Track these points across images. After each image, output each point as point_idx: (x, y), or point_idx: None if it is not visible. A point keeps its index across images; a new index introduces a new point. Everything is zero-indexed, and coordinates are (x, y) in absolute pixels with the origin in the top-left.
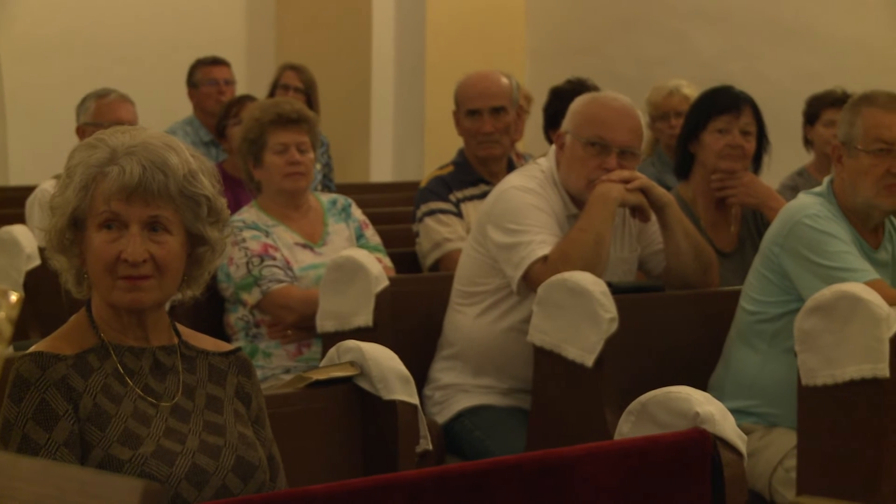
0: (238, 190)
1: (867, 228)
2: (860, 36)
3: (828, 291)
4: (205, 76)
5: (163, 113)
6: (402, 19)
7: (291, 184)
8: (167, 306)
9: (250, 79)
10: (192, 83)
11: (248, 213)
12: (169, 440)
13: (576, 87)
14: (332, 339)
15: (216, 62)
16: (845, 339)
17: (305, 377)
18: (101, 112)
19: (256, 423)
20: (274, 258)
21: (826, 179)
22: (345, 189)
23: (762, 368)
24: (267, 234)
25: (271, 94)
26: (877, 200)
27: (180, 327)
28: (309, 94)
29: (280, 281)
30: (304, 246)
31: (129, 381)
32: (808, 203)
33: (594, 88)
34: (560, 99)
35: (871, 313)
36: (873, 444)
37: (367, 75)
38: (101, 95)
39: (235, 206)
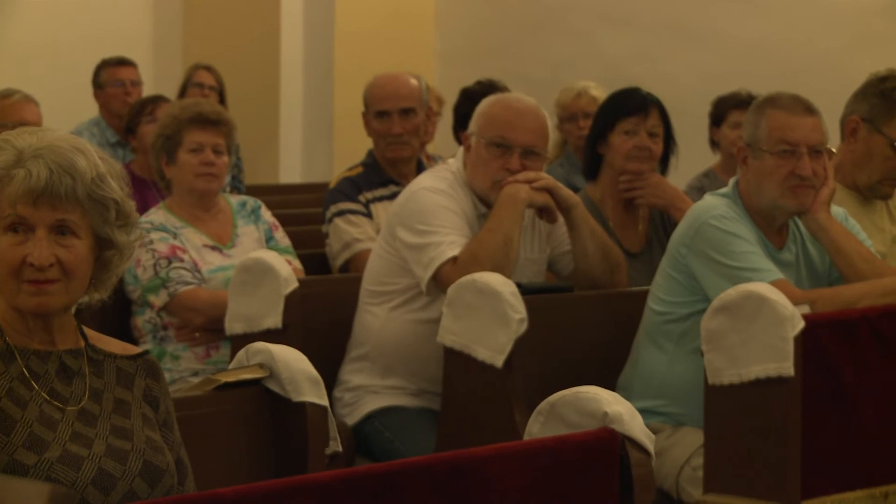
0: (146, 191)
1: (772, 229)
2: (763, 38)
3: (733, 291)
4: (111, 77)
5: (68, 114)
6: (311, 19)
7: (203, 184)
8: (73, 309)
9: (157, 79)
10: (98, 84)
11: (156, 215)
12: (75, 445)
13: (486, 89)
14: (240, 341)
15: (122, 63)
16: (751, 339)
17: (214, 380)
18: (4, 113)
19: (164, 426)
20: (182, 260)
21: (732, 181)
22: (254, 190)
23: (669, 368)
24: (175, 236)
25: (182, 93)
26: (781, 201)
27: (87, 330)
28: (222, 94)
29: (188, 283)
30: (213, 248)
31: (34, 384)
32: (714, 204)
33: (504, 90)
34: (470, 100)
35: (776, 313)
36: (779, 443)
37: (276, 76)
38: (4, 96)
39: (143, 208)
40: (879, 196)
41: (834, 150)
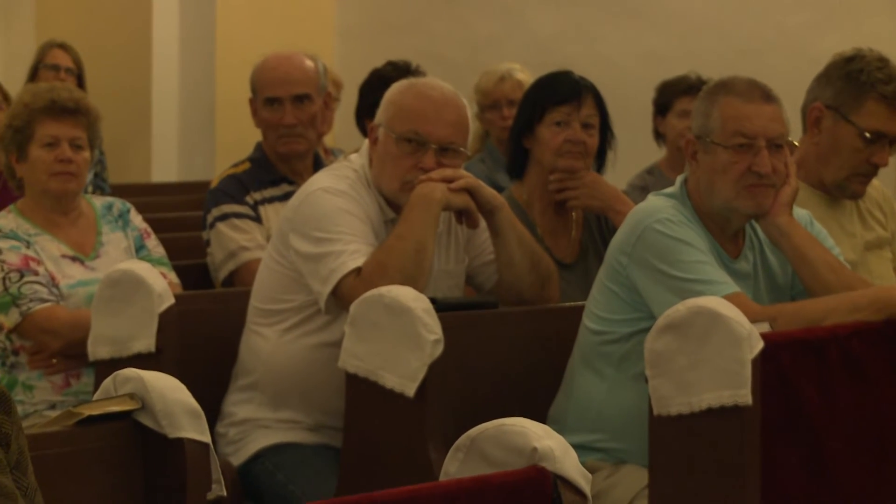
0: None
1: (726, 235)
2: (715, 14)
3: (682, 307)
4: None
5: None
6: None
7: (59, 185)
8: None
9: (5, 60)
10: None
11: (6, 220)
12: None
13: (399, 72)
14: (106, 367)
15: None
16: (702, 362)
17: (76, 413)
18: None
19: (16, 469)
20: (36, 273)
21: (679, 179)
22: (121, 191)
23: (609, 397)
24: (28, 245)
25: (33, 76)
26: (736, 203)
27: None
28: (81, 78)
29: (43, 300)
30: (73, 259)
31: None
32: (659, 206)
33: (421, 74)
34: (380, 84)
35: (731, 331)
36: (736, 481)
37: (147, 56)
38: None
39: None
40: (848, 195)
41: (796, 143)
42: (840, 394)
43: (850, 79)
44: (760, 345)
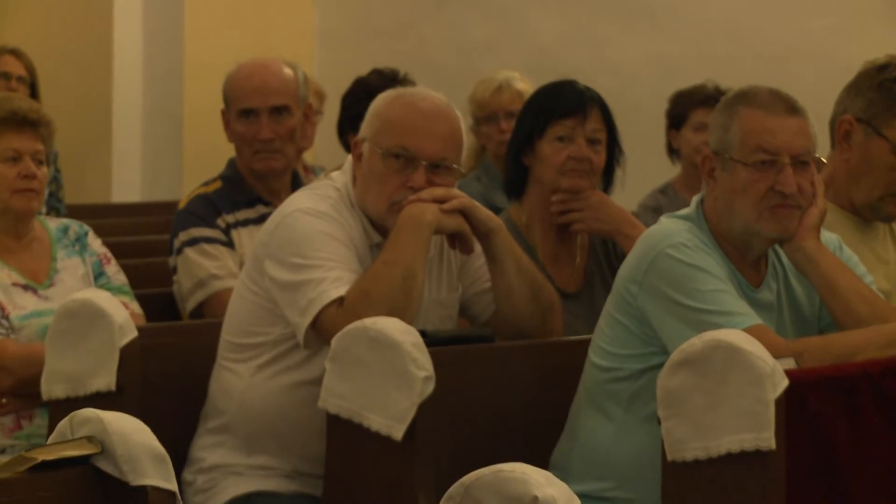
0: None
1: (746, 261)
2: (732, 18)
3: (698, 341)
4: None
5: None
6: None
7: (22, 203)
8: None
9: None
10: None
11: None
12: None
13: (385, 81)
14: (62, 407)
15: None
16: (721, 402)
17: (28, 458)
18: None
19: None
20: None
21: (695, 199)
22: (79, 212)
23: (617, 440)
24: None
25: None
26: (758, 225)
27: None
28: (34, 87)
29: None
30: (25, 287)
31: None
32: (673, 229)
33: (410, 83)
34: (364, 94)
35: (753, 368)
36: None
37: (107, 61)
38: None
39: None
40: (882, 217)
41: (824, 159)
42: (872, 437)
43: (883, 89)
44: (785, 383)
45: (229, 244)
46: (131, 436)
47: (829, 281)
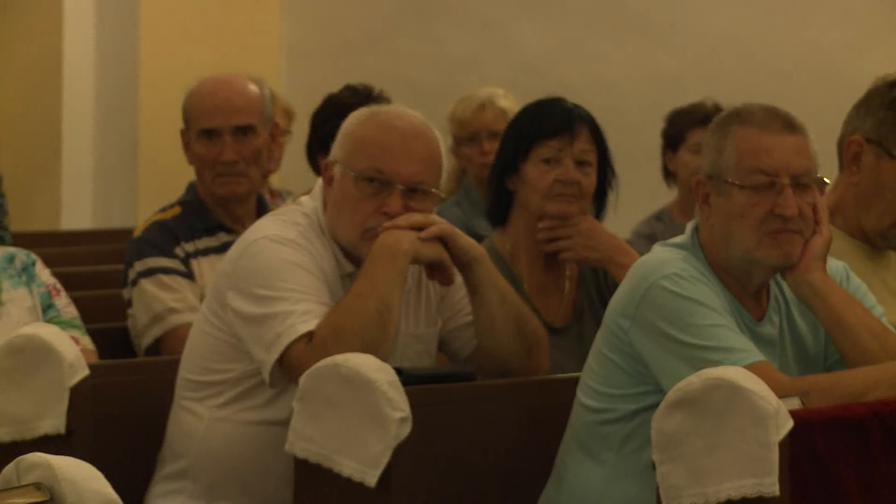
0: None
1: (747, 293)
2: (734, 31)
3: (696, 379)
4: None
5: None
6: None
7: None
8: None
9: None
10: None
11: None
12: None
13: (359, 98)
14: (8, 452)
15: None
16: (720, 445)
17: None
18: None
19: None
20: None
21: (689, 226)
22: (25, 240)
23: (608, 486)
24: None
25: None
26: (758, 253)
27: None
28: None
29: None
30: None
31: None
32: (666, 259)
33: (385, 100)
34: (335, 112)
35: (755, 408)
36: None
37: (57, 78)
38: None
39: None
40: (893, 246)
41: (827, 179)
42: (884, 482)
43: (895, 107)
44: (790, 424)
45: (188, 275)
46: (82, 482)
47: (837, 315)
